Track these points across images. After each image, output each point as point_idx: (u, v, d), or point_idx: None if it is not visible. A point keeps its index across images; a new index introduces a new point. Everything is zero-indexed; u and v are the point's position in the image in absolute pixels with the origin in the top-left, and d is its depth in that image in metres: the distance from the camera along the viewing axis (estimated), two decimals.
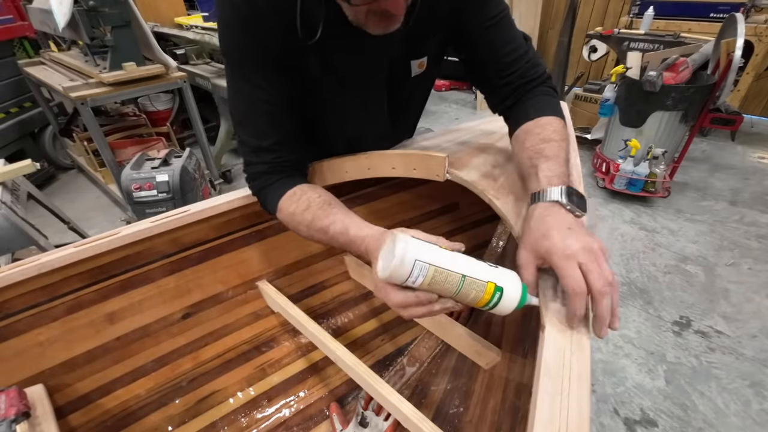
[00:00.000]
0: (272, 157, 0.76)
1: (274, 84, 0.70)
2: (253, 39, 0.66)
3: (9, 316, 0.73)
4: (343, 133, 0.89)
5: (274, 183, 0.77)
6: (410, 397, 1.11)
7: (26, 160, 1.64)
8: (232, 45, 0.69)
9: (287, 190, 0.75)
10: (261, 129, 0.74)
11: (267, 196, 0.78)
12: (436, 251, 0.50)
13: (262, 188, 0.78)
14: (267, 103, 0.72)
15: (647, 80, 2.34)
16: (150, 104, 3.22)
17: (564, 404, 0.44)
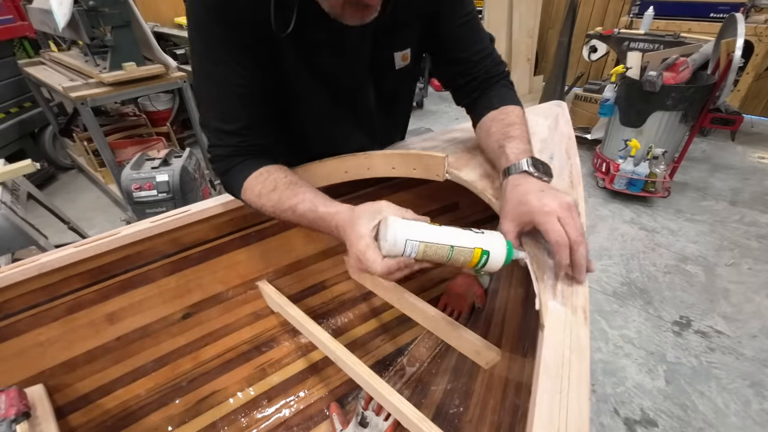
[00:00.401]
0: (238, 140, 0.73)
1: (247, 68, 0.68)
2: (227, 23, 0.63)
3: (9, 316, 0.73)
4: (324, 131, 0.87)
5: (238, 164, 0.73)
6: (410, 397, 1.11)
7: (26, 160, 1.64)
8: (204, 27, 0.66)
9: (253, 171, 0.72)
10: (229, 112, 0.71)
11: (231, 177, 0.74)
12: (424, 228, 0.54)
13: (227, 170, 0.74)
14: (239, 86, 0.69)
15: (647, 80, 2.34)
16: (150, 104, 3.23)
17: (563, 403, 0.44)
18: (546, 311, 0.55)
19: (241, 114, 0.71)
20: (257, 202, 0.71)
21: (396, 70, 0.82)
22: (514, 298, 1.01)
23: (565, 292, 0.60)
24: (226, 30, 0.64)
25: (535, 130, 1.00)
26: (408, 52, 0.81)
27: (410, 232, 0.52)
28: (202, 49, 0.68)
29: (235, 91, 0.69)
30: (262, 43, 0.66)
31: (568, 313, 0.57)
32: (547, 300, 0.57)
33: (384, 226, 0.54)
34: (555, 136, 1.01)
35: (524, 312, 0.88)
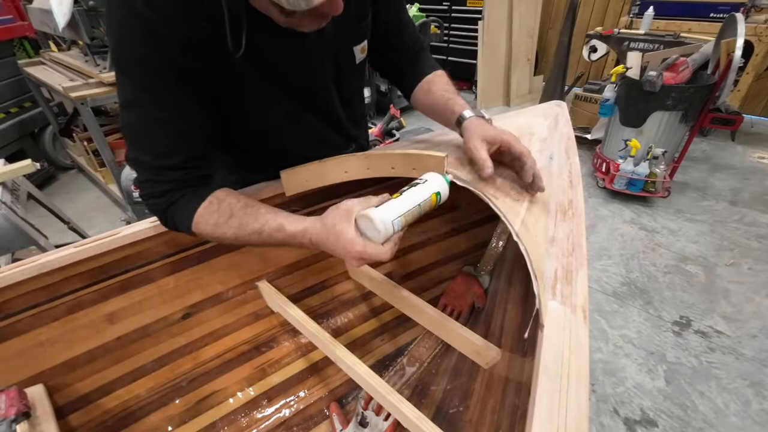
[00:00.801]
0: (180, 175, 0.67)
1: (181, 98, 0.63)
2: (157, 49, 0.57)
3: (9, 316, 0.73)
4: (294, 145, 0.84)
5: (181, 199, 0.68)
6: (410, 397, 1.11)
7: (26, 160, 1.64)
8: (129, 56, 0.59)
9: (201, 202, 0.68)
10: (165, 148, 0.65)
11: (175, 212, 0.69)
12: (395, 204, 0.62)
13: (169, 206, 0.68)
14: (173, 121, 0.63)
15: (647, 80, 2.34)
16: None
17: (563, 403, 0.44)
18: (545, 311, 0.55)
19: (178, 149, 0.66)
20: (214, 232, 0.68)
21: (356, 64, 0.82)
22: (514, 298, 1.01)
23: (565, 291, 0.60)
24: (157, 56, 0.58)
25: (535, 130, 1.00)
26: (365, 44, 0.81)
27: (391, 213, 0.61)
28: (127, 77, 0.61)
29: (167, 126, 0.64)
30: (203, 66, 0.61)
31: (568, 313, 0.57)
32: (547, 300, 0.57)
33: (366, 221, 0.60)
34: (555, 136, 1.01)
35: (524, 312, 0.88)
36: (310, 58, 0.72)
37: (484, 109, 0.90)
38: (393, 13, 0.83)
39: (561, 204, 0.79)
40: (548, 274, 0.62)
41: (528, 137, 0.96)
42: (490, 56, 4.16)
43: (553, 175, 0.86)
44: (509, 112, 0.75)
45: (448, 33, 4.75)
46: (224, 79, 0.65)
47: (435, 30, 4.05)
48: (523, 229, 0.65)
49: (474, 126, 0.73)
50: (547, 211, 0.75)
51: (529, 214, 0.70)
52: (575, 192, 0.84)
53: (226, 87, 0.67)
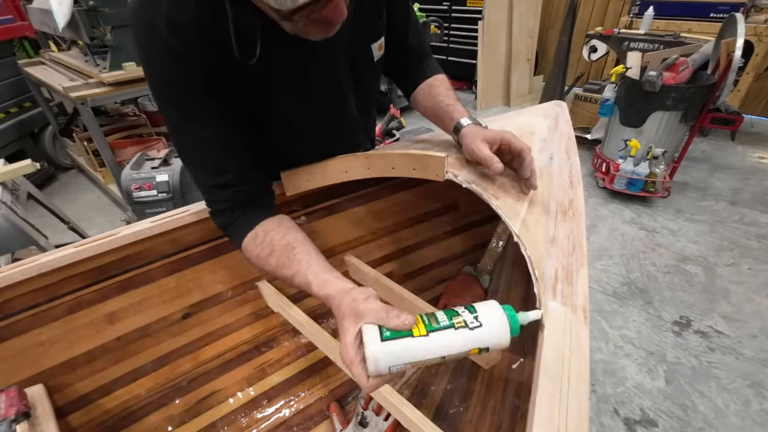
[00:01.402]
0: (231, 193, 0.72)
1: (216, 117, 0.66)
2: (185, 73, 0.60)
3: (9, 316, 0.73)
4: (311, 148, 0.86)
5: (236, 221, 0.73)
6: (410, 397, 1.11)
7: (26, 160, 1.64)
8: (162, 84, 0.63)
9: (249, 231, 0.72)
10: (214, 168, 0.70)
11: (232, 236, 0.75)
12: (407, 346, 0.47)
13: (227, 226, 0.74)
14: (213, 139, 0.67)
15: (647, 80, 2.34)
16: (150, 104, 3.23)
17: (563, 403, 0.44)
18: (546, 311, 0.55)
19: (224, 168, 0.70)
20: (257, 263, 0.71)
21: (374, 62, 0.82)
22: (514, 299, 1.01)
23: (565, 291, 0.60)
24: (187, 80, 0.61)
25: (535, 130, 1.00)
26: (383, 41, 0.82)
27: (391, 358, 0.47)
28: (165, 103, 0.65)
29: (210, 145, 0.67)
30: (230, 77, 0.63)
31: (568, 313, 0.57)
32: (547, 300, 0.57)
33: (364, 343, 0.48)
34: (555, 136, 1.01)
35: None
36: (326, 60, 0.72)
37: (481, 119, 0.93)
38: (401, 14, 0.84)
39: (561, 204, 0.79)
40: (548, 275, 0.62)
41: (528, 137, 0.96)
42: (490, 56, 4.16)
43: (554, 175, 0.86)
44: (509, 112, 0.76)
45: (448, 33, 4.75)
46: (248, 92, 0.67)
47: (435, 30, 4.05)
48: (523, 229, 0.65)
49: (472, 131, 0.75)
50: (548, 212, 0.75)
51: (530, 214, 0.70)
52: (575, 192, 0.84)
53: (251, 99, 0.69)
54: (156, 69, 0.61)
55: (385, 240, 1.22)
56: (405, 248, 1.26)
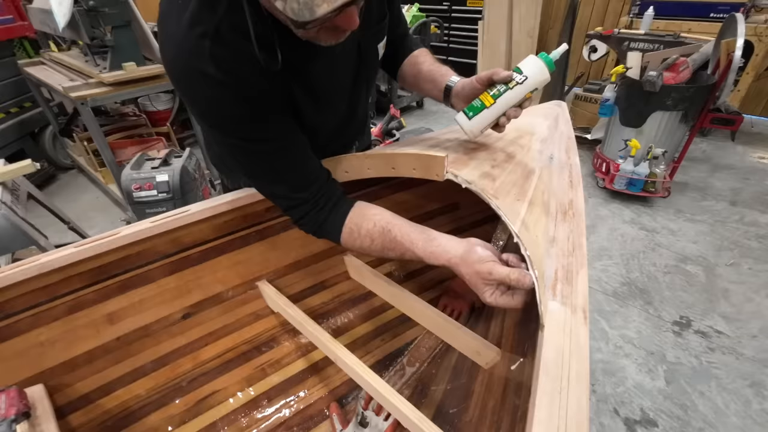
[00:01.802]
0: (308, 195, 0.76)
1: (280, 129, 0.70)
2: (244, 101, 0.63)
3: (9, 316, 0.73)
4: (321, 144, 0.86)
5: (325, 222, 0.77)
6: (410, 397, 1.11)
7: (26, 160, 1.64)
8: (226, 117, 0.65)
9: (341, 228, 0.76)
10: (288, 175, 0.74)
11: (325, 235, 0.79)
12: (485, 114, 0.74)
13: (317, 230, 0.79)
14: (282, 148, 0.71)
15: (647, 80, 2.34)
16: (150, 104, 3.23)
17: (563, 403, 0.44)
18: (546, 311, 0.55)
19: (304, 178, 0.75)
20: (361, 251, 0.78)
21: (378, 61, 0.86)
22: None
23: (565, 291, 0.60)
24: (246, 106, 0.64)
25: (535, 130, 1.00)
26: (385, 39, 0.85)
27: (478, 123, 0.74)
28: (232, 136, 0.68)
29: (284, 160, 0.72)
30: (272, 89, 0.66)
31: (568, 313, 0.57)
32: (547, 300, 0.57)
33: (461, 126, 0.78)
34: (555, 136, 1.02)
35: (524, 312, 0.88)
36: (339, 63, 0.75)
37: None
38: (395, 10, 0.89)
39: (561, 204, 0.79)
40: (548, 274, 0.62)
41: (528, 137, 0.96)
42: (490, 56, 4.16)
43: (554, 175, 0.86)
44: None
45: (448, 33, 4.75)
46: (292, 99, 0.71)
47: (435, 30, 4.05)
48: (523, 229, 0.65)
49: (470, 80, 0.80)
50: (548, 212, 0.75)
51: (530, 214, 0.70)
52: (575, 192, 0.84)
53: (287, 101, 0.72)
54: (217, 110, 0.64)
55: None
56: None
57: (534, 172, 0.82)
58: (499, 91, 0.72)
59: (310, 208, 0.76)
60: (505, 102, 0.72)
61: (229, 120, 0.66)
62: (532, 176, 0.81)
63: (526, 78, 0.71)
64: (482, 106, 0.73)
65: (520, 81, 0.71)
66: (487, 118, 0.74)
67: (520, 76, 0.71)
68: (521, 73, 0.71)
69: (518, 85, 0.71)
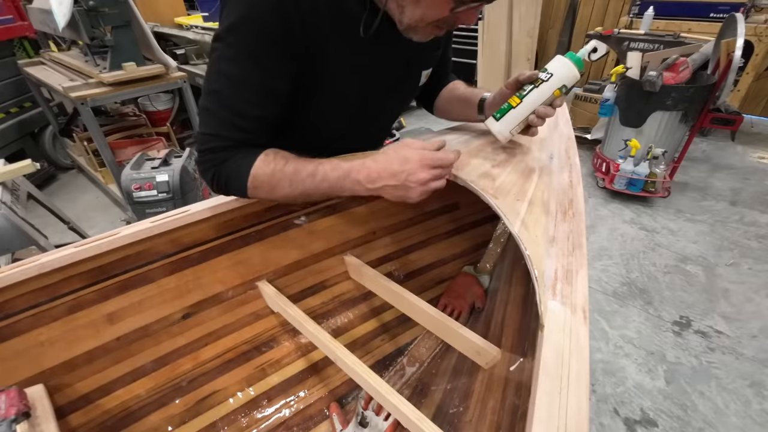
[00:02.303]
0: (245, 137, 0.71)
1: (282, 72, 0.68)
2: (281, 19, 0.61)
3: (9, 316, 0.73)
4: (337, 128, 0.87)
5: (239, 154, 0.71)
6: (410, 397, 1.11)
7: (26, 160, 1.64)
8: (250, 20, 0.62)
9: (257, 156, 0.71)
10: (246, 106, 0.69)
11: (232, 167, 0.71)
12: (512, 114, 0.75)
13: (224, 162, 0.71)
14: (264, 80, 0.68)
15: (647, 80, 2.34)
16: (150, 104, 3.23)
17: (563, 403, 0.44)
18: (546, 311, 0.55)
19: (260, 107, 0.70)
20: (271, 180, 0.71)
21: (417, 87, 0.89)
22: (514, 298, 1.01)
23: (565, 291, 0.60)
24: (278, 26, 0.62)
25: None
26: (431, 70, 0.88)
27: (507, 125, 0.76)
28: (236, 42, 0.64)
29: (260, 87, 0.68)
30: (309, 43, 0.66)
31: (568, 313, 0.57)
32: (547, 300, 0.57)
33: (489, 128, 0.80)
34: (555, 136, 1.02)
35: (524, 312, 0.88)
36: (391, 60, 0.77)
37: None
38: (447, 47, 0.94)
39: (561, 204, 0.79)
40: (548, 274, 0.62)
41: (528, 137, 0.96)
42: (490, 56, 4.16)
43: (553, 175, 0.86)
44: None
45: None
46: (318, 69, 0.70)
47: None
48: (523, 228, 0.65)
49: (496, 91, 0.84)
50: (547, 211, 0.75)
51: (529, 214, 0.70)
52: (575, 192, 0.84)
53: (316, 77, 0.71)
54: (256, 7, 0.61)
55: (385, 240, 1.22)
56: (405, 248, 1.26)
57: (534, 172, 0.82)
58: (525, 91, 0.74)
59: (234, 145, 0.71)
60: (532, 101, 0.73)
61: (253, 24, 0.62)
62: (532, 176, 0.81)
63: (552, 75, 0.72)
64: (509, 107, 0.75)
65: (545, 78, 0.72)
66: (516, 118, 0.75)
67: (545, 75, 0.73)
68: (546, 71, 0.73)
69: (544, 83, 0.72)
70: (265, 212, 0.98)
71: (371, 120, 0.88)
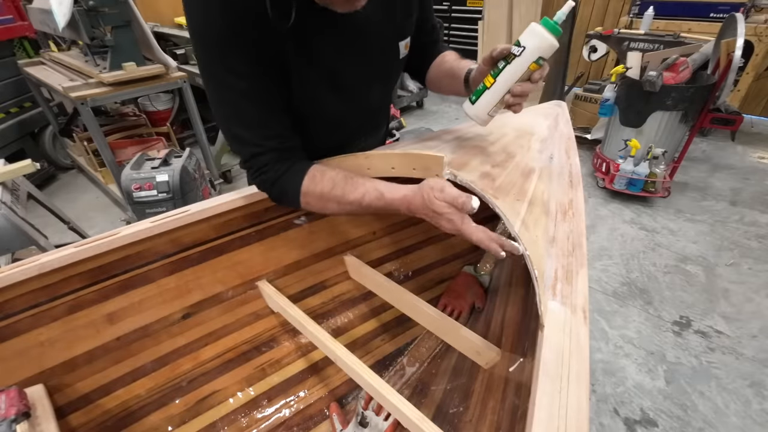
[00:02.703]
0: (278, 142, 0.74)
1: (260, 71, 0.68)
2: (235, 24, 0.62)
3: (9, 316, 0.73)
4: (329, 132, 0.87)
5: (288, 171, 0.75)
6: (410, 397, 1.11)
7: (26, 160, 1.64)
8: (212, 31, 0.63)
9: (304, 175, 0.75)
10: (260, 120, 0.72)
11: (284, 185, 0.76)
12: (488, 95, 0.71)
13: (277, 179, 0.76)
14: (259, 91, 0.69)
15: (647, 80, 2.34)
16: (150, 104, 3.23)
17: (563, 403, 0.44)
18: (546, 311, 0.55)
19: (271, 120, 0.73)
20: (320, 201, 0.76)
21: (399, 60, 0.85)
22: (514, 298, 1.01)
23: (565, 291, 0.60)
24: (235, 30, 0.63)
25: (535, 130, 1.00)
26: (409, 40, 0.85)
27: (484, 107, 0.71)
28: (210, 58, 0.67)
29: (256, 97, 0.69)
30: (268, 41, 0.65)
31: (568, 313, 0.57)
32: (547, 300, 0.57)
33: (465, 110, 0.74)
34: (555, 136, 1.02)
35: (524, 312, 0.88)
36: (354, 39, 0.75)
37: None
38: (428, 14, 0.90)
39: (561, 204, 0.79)
40: (548, 274, 0.62)
41: (528, 137, 0.96)
42: None
43: (553, 175, 0.86)
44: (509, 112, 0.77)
45: (448, 33, 4.75)
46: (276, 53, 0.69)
47: None
48: (523, 228, 0.65)
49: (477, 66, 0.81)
50: (547, 211, 0.75)
51: (529, 213, 0.70)
52: (575, 192, 0.84)
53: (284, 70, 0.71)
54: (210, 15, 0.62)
55: (385, 240, 1.22)
56: (405, 248, 1.26)
57: (534, 172, 0.82)
58: (498, 68, 0.68)
59: (275, 157, 0.75)
60: (506, 78, 0.67)
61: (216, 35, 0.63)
62: (532, 176, 0.81)
63: (524, 48, 0.65)
64: (483, 87, 0.70)
65: (517, 53, 0.65)
66: (491, 99, 0.70)
67: (518, 49, 0.65)
68: (519, 45, 0.66)
69: (517, 58, 0.65)
70: (265, 212, 0.98)
71: (363, 100, 0.86)
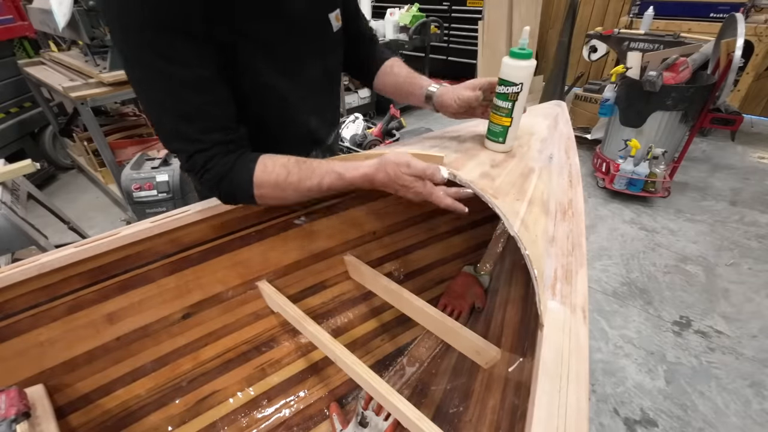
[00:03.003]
0: (221, 137, 0.68)
1: (198, 53, 0.61)
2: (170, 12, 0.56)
3: (9, 316, 0.73)
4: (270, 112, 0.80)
5: (236, 164, 0.69)
6: (410, 396, 1.11)
7: (26, 160, 1.64)
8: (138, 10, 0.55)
9: (254, 165, 0.70)
10: (203, 110, 0.65)
11: (234, 180, 0.70)
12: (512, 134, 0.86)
13: (225, 175, 0.69)
14: (201, 79, 0.63)
15: (647, 80, 2.34)
16: None
17: (562, 403, 0.44)
18: (545, 311, 0.55)
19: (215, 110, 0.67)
20: (276, 190, 0.72)
21: (334, 32, 0.82)
22: (514, 298, 1.01)
23: (564, 291, 0.60)
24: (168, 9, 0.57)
25: (535, 130, 1.00)
26: (339, 12, 0.83)
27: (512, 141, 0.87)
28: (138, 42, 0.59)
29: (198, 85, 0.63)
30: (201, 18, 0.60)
31: (568, 313, 0.57)
32: (547, 300, 0.57)
33: None
34: (555, 136, 1.02)
35: (524, 312, 0.88)
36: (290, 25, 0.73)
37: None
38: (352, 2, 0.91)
39: (561, 204, 0.79)
40: (548, 274, 0.62)
41: (528, 137, 0.96)
42: (490, 56, 4.16)
43: (553, 175, 0.86)
44: None
45: (448, 33, 4.75)
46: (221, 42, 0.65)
47: (435, 30, 4.04)
48: (522, 228, 0.65)
49: (447, 89, 0.87)
50: (547, 211, 0.75)
51: (529, 213, 0.70)
52: (575, 192, 0.84)
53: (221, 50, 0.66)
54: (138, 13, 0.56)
55: (385, 240, 1.22)
56: (405, 248, 1.26)
57: (533, 172, 0.82)
58: (509, 108, 0.80)
59: (220, 150, 0.68)
60: (518, 112, 0.81)
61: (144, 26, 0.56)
62: (532, 176, 0.81)
63: (522, 84, 0.78)
64: (505, 127, 0.83)
65: (518, 90, 0.79)
66: (513, 133, 0.84)
67: (515, 87, 0.78)
68: (513, 83, 0.78)
69: (520, 93, 0.79)
70: (265, 212, 0.98)
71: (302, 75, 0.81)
